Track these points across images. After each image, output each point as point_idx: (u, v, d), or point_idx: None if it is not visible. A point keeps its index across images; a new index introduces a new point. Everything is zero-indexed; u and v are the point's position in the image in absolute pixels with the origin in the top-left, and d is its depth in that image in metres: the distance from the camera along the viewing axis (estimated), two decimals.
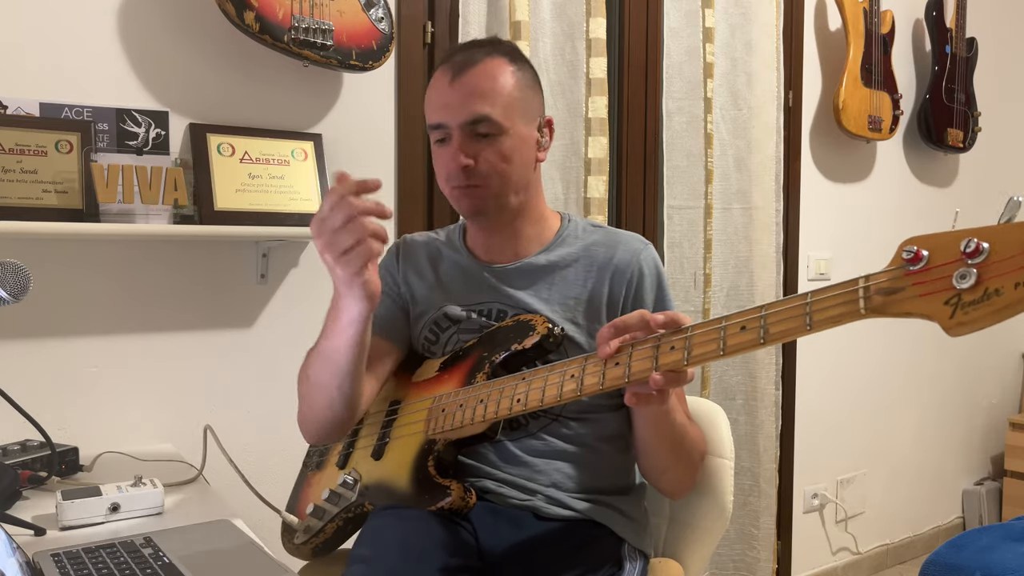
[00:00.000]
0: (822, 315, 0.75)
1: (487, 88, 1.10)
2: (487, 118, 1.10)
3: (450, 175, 1.13)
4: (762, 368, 2.32)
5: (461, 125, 1.10)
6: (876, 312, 0.72)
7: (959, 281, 0.66)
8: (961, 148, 2.92)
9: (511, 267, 1.20)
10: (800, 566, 2.64)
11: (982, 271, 0.65)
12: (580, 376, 0.94)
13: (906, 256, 0.70)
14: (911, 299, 0.69)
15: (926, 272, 0.68)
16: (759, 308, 0.80)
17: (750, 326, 0.80)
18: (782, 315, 0.78)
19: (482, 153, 1.11)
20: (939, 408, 3.10)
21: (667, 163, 2.21)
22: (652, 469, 1.16)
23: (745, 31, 2.28)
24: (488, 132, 1.10)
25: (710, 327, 0.83)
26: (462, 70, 1.11)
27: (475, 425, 1.05)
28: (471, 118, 1.10)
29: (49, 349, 1.46)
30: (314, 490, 1.21)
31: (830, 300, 0.74)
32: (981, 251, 0.65)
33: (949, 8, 2.83)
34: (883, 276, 0.71)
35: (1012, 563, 1.50)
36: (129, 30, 1.51)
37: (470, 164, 1.10)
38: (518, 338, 1.09)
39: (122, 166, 1.39)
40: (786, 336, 0.77)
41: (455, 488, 1.06)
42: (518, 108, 1.13)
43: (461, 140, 1.10)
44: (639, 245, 1.20)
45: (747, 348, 0.80)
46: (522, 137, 1.14)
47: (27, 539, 1.00)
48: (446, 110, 1.11)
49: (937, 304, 0.67)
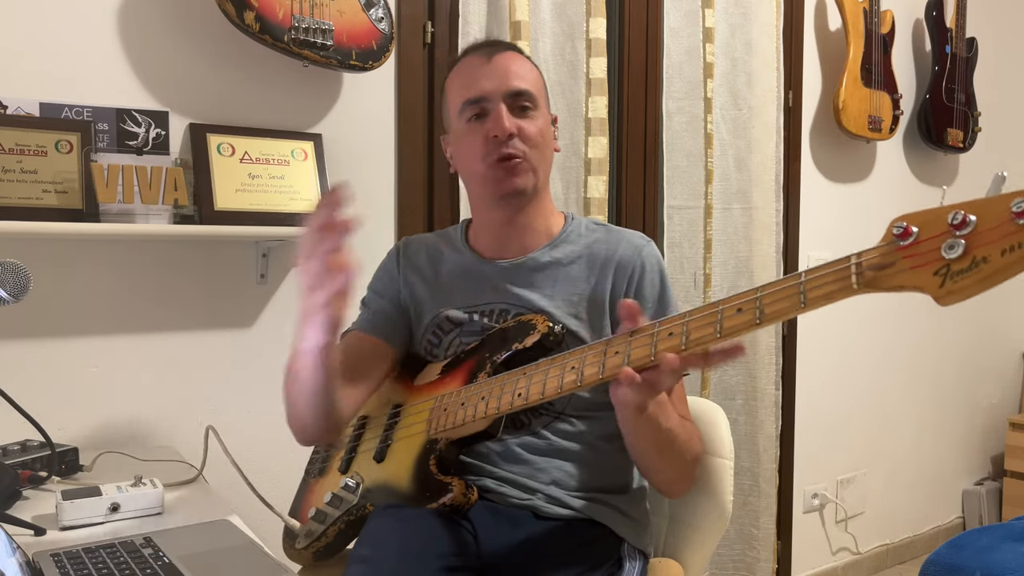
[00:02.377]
0: (816, 292, 0.76)
1: (521, 68, 1.17)
2: (527, 92, 1.15)
3: (490, 149, 1.13)
4: (762, 368, 2.32)
5: (504, 96, 1.14)
6: (869, 286, 0.73)
7: (947, 252, 0.67)
8: (961, 148, 2.92)
9: (514, 264, 1.20)
10: (800, 566, 2.64)
11: (970, 241, 0.67)
12: (580, 368, 0.94)
13: (896, 232, 0.71)
14: (902, 272, 0.71)
15: (916, 246, 0.70)
16: (755, 290, 0.81)
17: (746, 307, 0.80)
18: (777, 295, 0.78)
19: (525, 126, 1.14)
20: (939, 408, 3.10)
21: (667, 163, 2.21)
22: (643, 469, 1.16)
23: (745, 31, 2.28)
24: (527, 105, 1.15)
25: (707, 311, 0.84)
26: (494, 53, 1.17)
27: (476, 422, 1.05)
28: (514, 89, 1.14)
29: (49, 349, 1.46)
30: (316, 495, 1.21)
31: (824, 277, 0.75)
32: (968, 223, 0.67)
33: (949, 8, 2.83)
34: (874, 252, 0.73)
35: (1012, 563, 1.50)
36: (129, 30, 1.51)
37: (519, 128, 1.13)
38: (519, 337, 1.09)
39: (122, 166, 1.39)
40: (782, 315, 0.78)
41: (457, 484, 1.05)
42: (543, 94, 1.20)
43: (508, 109, 1.13)
44: (641, 242, 1.20)
45: (744, 329, 0.80)
46: (547, 120, 1.20)
47: (27, 539, 1.00)
48: (488, 81, 1.14)
49: (927, 275, 0.69)
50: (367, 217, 1.78)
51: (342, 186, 0.93)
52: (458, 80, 1.18)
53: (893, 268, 0.71)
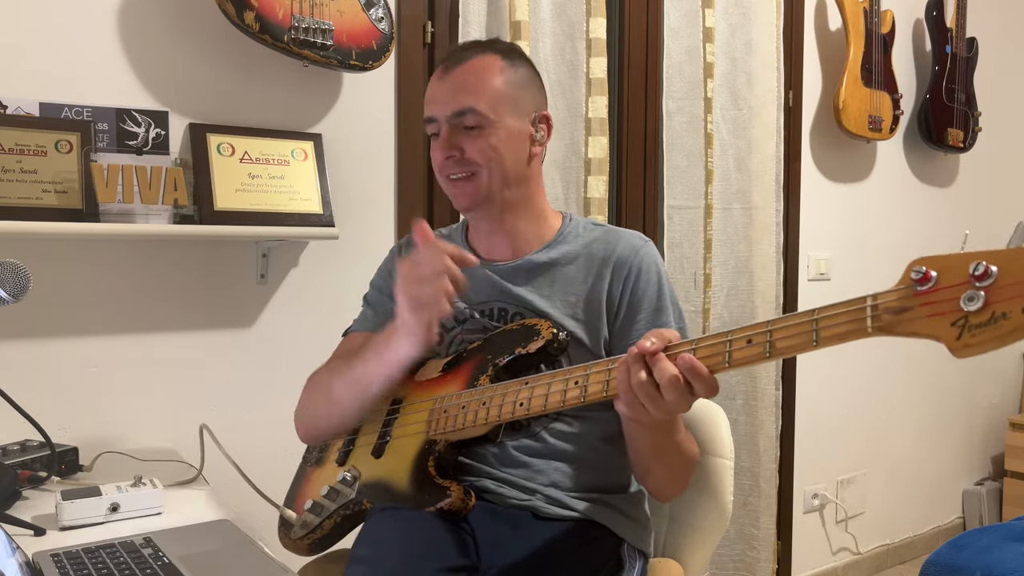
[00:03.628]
0: (829, 332, 0.75)
1: (472, 82, 1.14)
2: (471, 110, 1.13)
3: (440, 167, 1.17)
4: (762, 368, 2.32)
5: (448, 117, 1.14)
6: (883, 331, 0.72)
7: (967, 303, 0.66)
8: (961, 148, 2.91)
9: (511, 264, 1.20)
10: (800, 566, 2.64)
11: (990, 294, 0.65)
12: (584, 383, 0.94)
13: (915, 276, 0.70)
14: (919, 319, 0.69)
15: (934, 293, 0.69)
16: (766, 323, 0.80)
17: (756, 340, 0.80)
18: (789, 331, 0.78)
19: (469, 145, 1.14)
20: (939, 408, 3.10)
21: (667, 163, 2.21)
22: (636, 468, 1.16)
23: (745, 31, 2.28)
24: (475, 124, 1.13)
25: (716, 340, 0.84)
26: (451, 67, 1.16)
27: (476, 428, 1.05)
28: (457, 110, 1.13)
29: (49, 349, 1.46)
30: (313, 486, 1.21)
31: (837, 318, 0.75)
32: (990, 275, 0.66)
33: (949, 8, 2.83)
34: (892, 295, 0.72)
35: (1012, 563, 1.50)
36: (129, 30, 1.51)
37: (454, 155, 1.13)
38: (522, 342, 1.09)
39: (122, 166, 1.39)
40: (792, 351, 0.78)
41: (455, 490, 1.05)
42: (506, 102, 1.15)
43: (448, 132, 1.14)
44: (638, 242, 1.20)
45: (753, 361, 0.81)
46: (511, 131, 1.15)
47: (27, 539, 1.00)
48: (435, 104, 1.15)
49: (944, 325, 0.68)
50: (367, 217, 1.78)
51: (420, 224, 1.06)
52: (426, 94, 1.19)
53: (910, 313, 0.70)
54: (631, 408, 0.89)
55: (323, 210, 1.61)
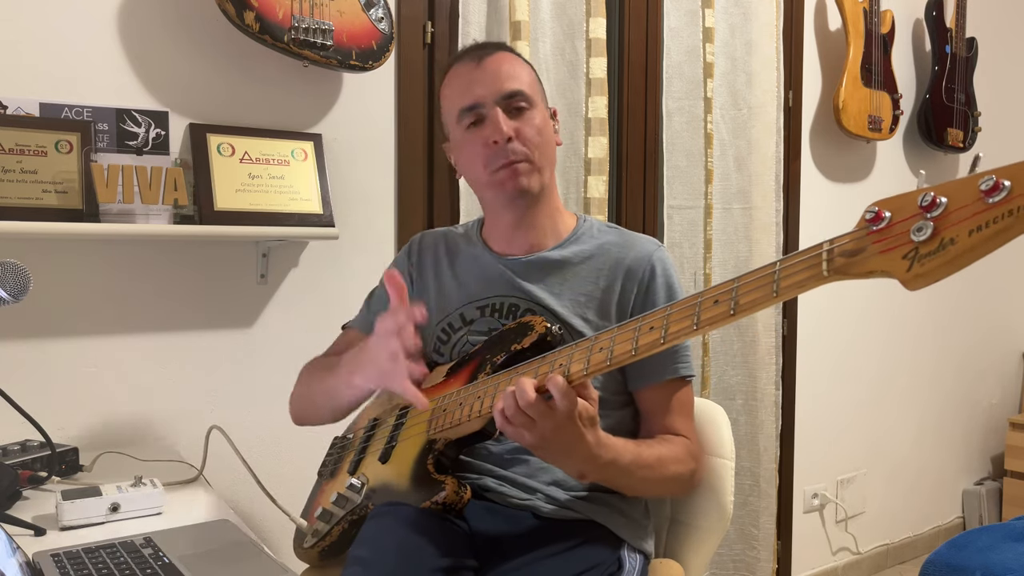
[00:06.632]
0: (788, 280, 0.74)
1: (511, 68, 1.17)
2: (520, 92, 1.15)
3: (493, 155, 1.15)
4: (762, 368, 2.32)
5: (498, 100, 1.14)
6: (839, 273, 0.71)
7: (916, 234, 0.65)
8: (961, 148, 2.92)
9: (525, 260, 1.21)
10: (800, 566, 2.64)
11: (938, 223, 0.65)
12: (567, 364, 0.94)
13: (868, 217, 0.70)
14: (872, 257, 0.69)
15: (886, 230, 0.68)
16: (734, 280, 0.79)
17: (722, 299, 0.79)
18: (752, 285, 0.77)
19: (522, 127, 1.14)
20: (939, 408, 3.10)
21: (667, 163, 2.21)
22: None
23: (745, 31, 2.28)
24: (522, 105, 1.15)
25: (687, 303, 0.83)
26: (483, 57, 1.17)
27: (472, 421, 1.05)
28: (507, 92, 1.14)
29: (49, 349, 1.46)
30: (325, 496, 1.23)
31: (796, 266, 0.74)
32: (938, 204, 0.65)
33: (949, 8, 2.83)
34: (846, 238, 0.71)
35: (1012, 563, 1.50)
36: (129, 30, 1.51)
37: (517, 130, 1.14)
38: (518, 339, 1.10)
39: (122, 166, 1.39)
40: (756, 306, 0.77)
41: (449, 482, 1.05)
42: (538, 89, 1.20)
43: (502, 114, 1.14)
44: (652, 247, 1.21)
45: (720, 322, 0.80)
46: (545, 115, 1.20)
47: (27, 539, 1.00)
48: (481, 86, 1.15)
49: (896, 260, 0.67)
50: (367, 217, 1.78)
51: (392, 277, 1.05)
52: (452, 88, 1.19)
53: (864, 254, 0.69)
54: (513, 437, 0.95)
55: (323, 210, 1.61)
